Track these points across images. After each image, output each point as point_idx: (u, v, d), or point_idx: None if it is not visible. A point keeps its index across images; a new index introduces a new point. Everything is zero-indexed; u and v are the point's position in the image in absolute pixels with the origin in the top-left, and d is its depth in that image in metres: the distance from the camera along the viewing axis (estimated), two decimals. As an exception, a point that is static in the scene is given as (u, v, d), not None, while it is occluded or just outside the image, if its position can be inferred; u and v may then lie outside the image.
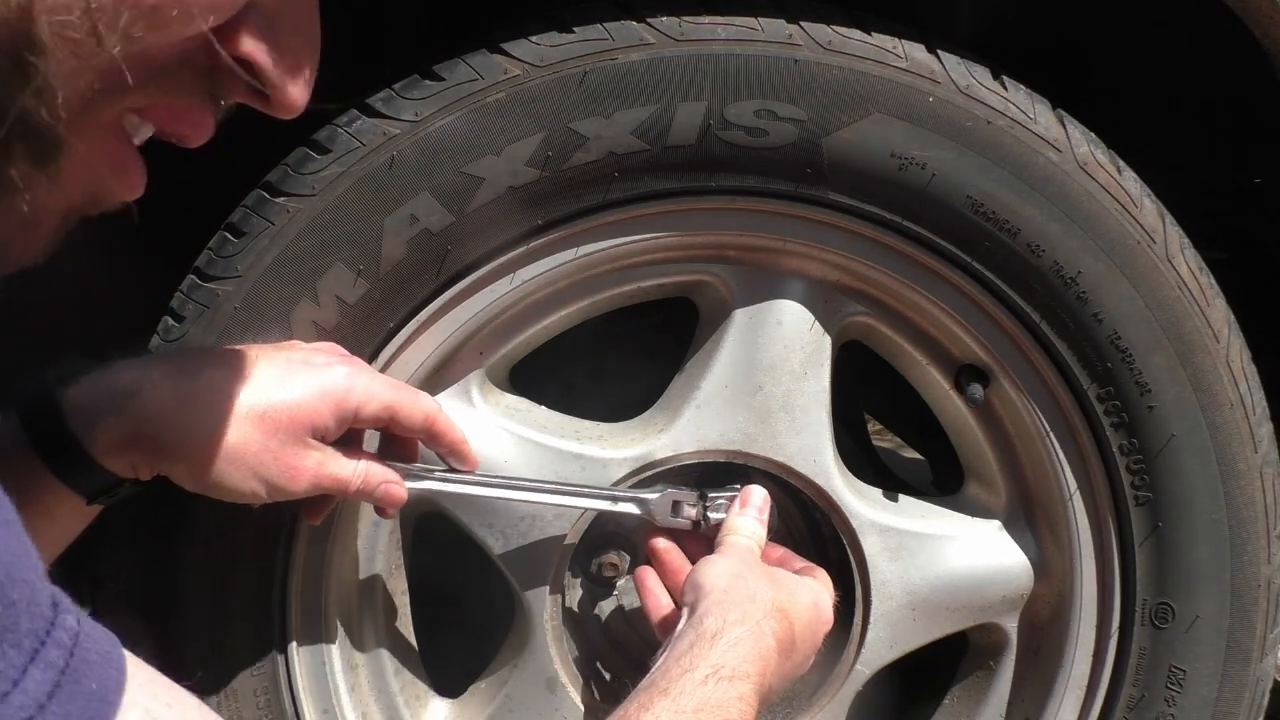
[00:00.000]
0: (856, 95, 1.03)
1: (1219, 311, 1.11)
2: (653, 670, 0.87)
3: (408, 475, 1.01)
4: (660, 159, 1.03)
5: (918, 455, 1.86)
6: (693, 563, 1.04)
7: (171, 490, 0.92)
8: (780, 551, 1.11)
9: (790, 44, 1.02)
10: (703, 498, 1.09)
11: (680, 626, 0.92)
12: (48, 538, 0.89)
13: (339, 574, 1.13)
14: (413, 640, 1.22)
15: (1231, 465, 1.12)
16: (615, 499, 1.08)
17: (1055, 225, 1.07)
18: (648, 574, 1.10)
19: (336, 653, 1.14)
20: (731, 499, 1.08)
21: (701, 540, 1.09)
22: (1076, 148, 1.07)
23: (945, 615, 1.19)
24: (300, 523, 1.08)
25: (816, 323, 1.13)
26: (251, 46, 0.63)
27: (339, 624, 1.14)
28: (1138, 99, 1.29)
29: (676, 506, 1.08)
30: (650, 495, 1.08)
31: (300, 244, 1.01)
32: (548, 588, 1.14)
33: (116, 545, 1.05)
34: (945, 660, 1.26)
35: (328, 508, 1.04)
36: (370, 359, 1.05)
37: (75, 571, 1.29)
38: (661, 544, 1.10)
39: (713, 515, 1.08)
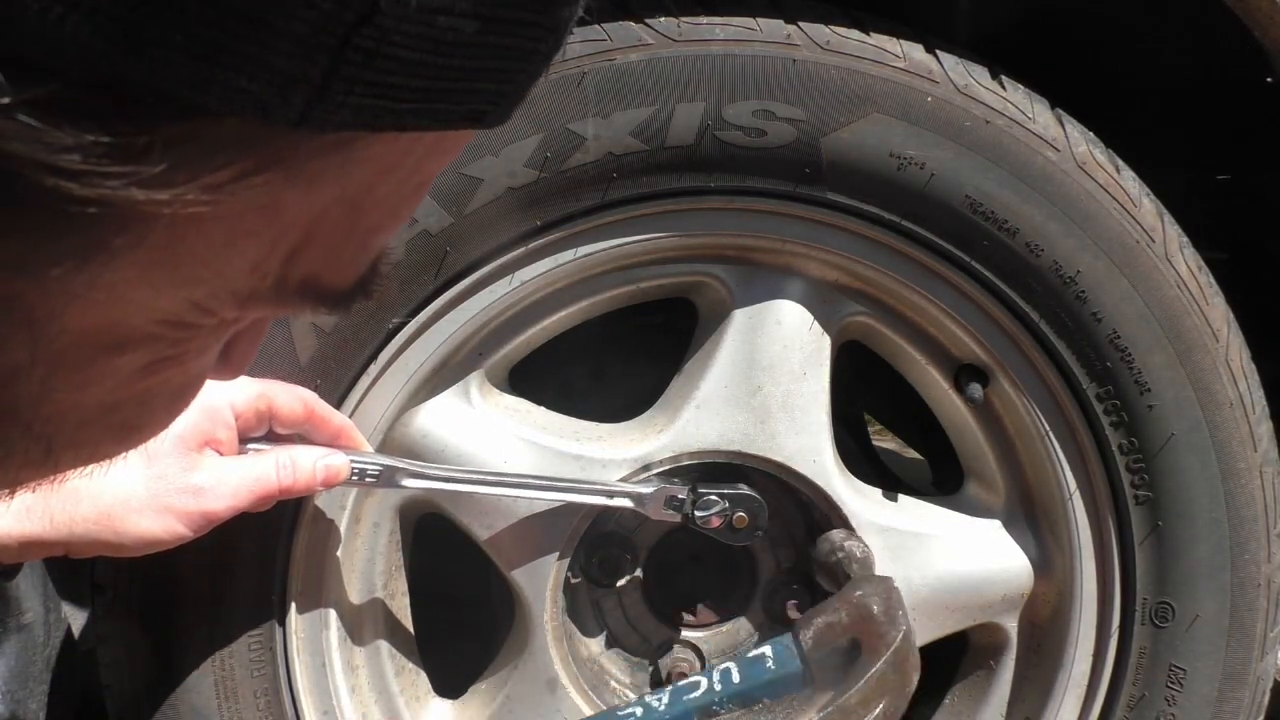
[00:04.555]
0: (855, 95, 1.03)
1: (1218, 310, 1.11)
2: None
3: (406, 474, 1.01)
4: (658, 159, 1.03)
5: (918, 455, 1.86)
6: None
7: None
8: None
9: (788, 44, 1.02)
10: (695, 493, 1.10)
11: None
12: None
13: (339, 575, 1.13)
14: (413, 641, 1.22)
15: (1231, 464, 1.12)
16: (610, 494, 1.09)
17: (1054, 224, 1.07)
18: None
19: (337, 654, 1.14)
20: (723, 495, 1.09)
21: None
22: (1075, 147, 1.07)
23: (945, 615, 1.19)
24: (300, 525, 1.08)
25: (816, 323, 1.13)
26: None
27: (339, 625, 1.14)
28: (1138, 99, 1.29)
29: (670, 501, 1.09)
30: (645, 490, 1.09)
31: (299, 245, 1.01)
32: (549, 587, 1.14)
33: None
34: (945, 660, 1.26)
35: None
36: (370, 360, 1.05)
37: (75, 576, 1.29)
38: None
39: (700, 512, 1.09)
